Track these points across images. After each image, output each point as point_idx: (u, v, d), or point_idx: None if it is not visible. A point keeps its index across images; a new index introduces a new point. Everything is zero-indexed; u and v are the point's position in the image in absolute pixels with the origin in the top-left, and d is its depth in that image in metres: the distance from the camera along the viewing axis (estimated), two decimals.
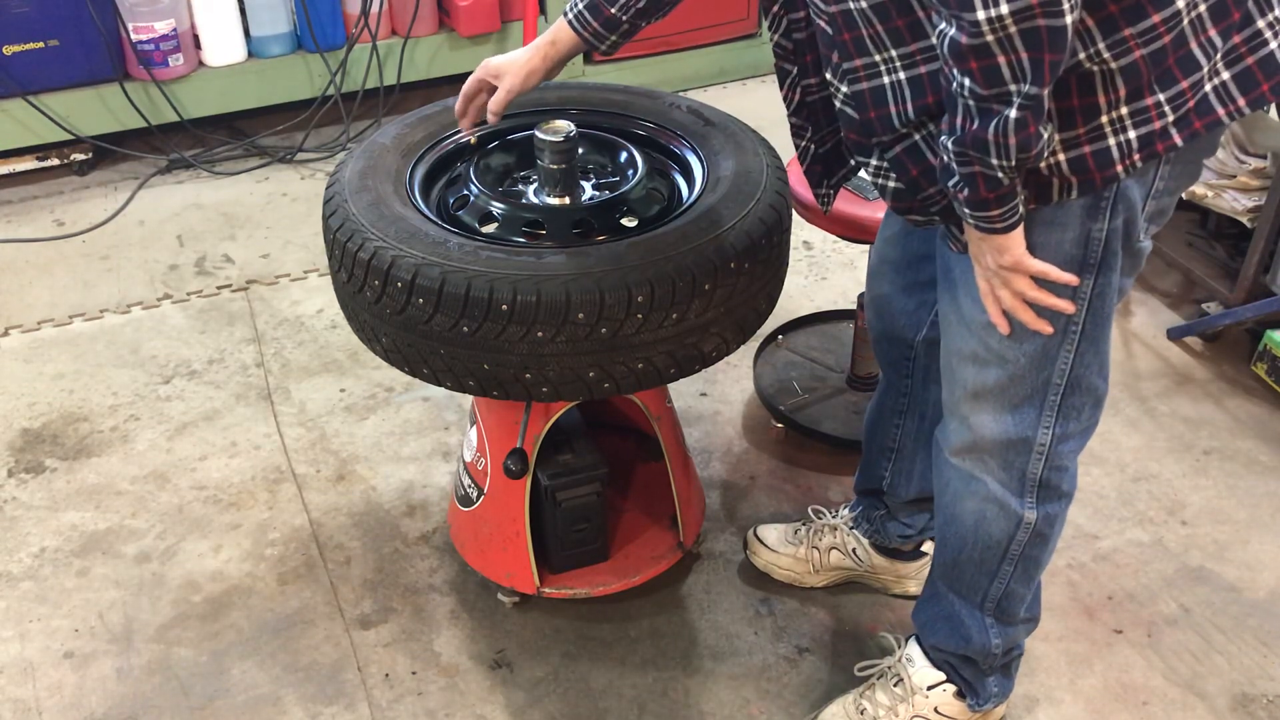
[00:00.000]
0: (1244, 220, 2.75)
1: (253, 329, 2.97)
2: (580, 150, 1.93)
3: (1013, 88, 1.27)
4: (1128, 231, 1.51)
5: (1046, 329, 1.53)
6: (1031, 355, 1.58)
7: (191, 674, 2.09)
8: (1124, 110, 1.40)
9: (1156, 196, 1.51)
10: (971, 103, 1.30)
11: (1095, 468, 2.52)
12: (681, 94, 2.14)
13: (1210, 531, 2.37)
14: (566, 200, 1.89)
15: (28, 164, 3.57)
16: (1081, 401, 1.64)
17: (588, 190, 1.95)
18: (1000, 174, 1.34)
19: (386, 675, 2.09)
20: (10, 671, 2.10)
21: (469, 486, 2.13)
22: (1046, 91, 1.28)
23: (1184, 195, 2.82)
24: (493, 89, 1.85)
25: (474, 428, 2.10)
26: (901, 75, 1.42)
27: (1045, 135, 1.32)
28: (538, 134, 1.85)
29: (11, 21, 3.30)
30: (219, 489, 2.49)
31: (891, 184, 1.56)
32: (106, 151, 3.63)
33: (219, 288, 3.13)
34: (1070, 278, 1.48)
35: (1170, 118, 1.41)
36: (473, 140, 2.03)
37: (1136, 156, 1.42)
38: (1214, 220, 2.92)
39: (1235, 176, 2.74)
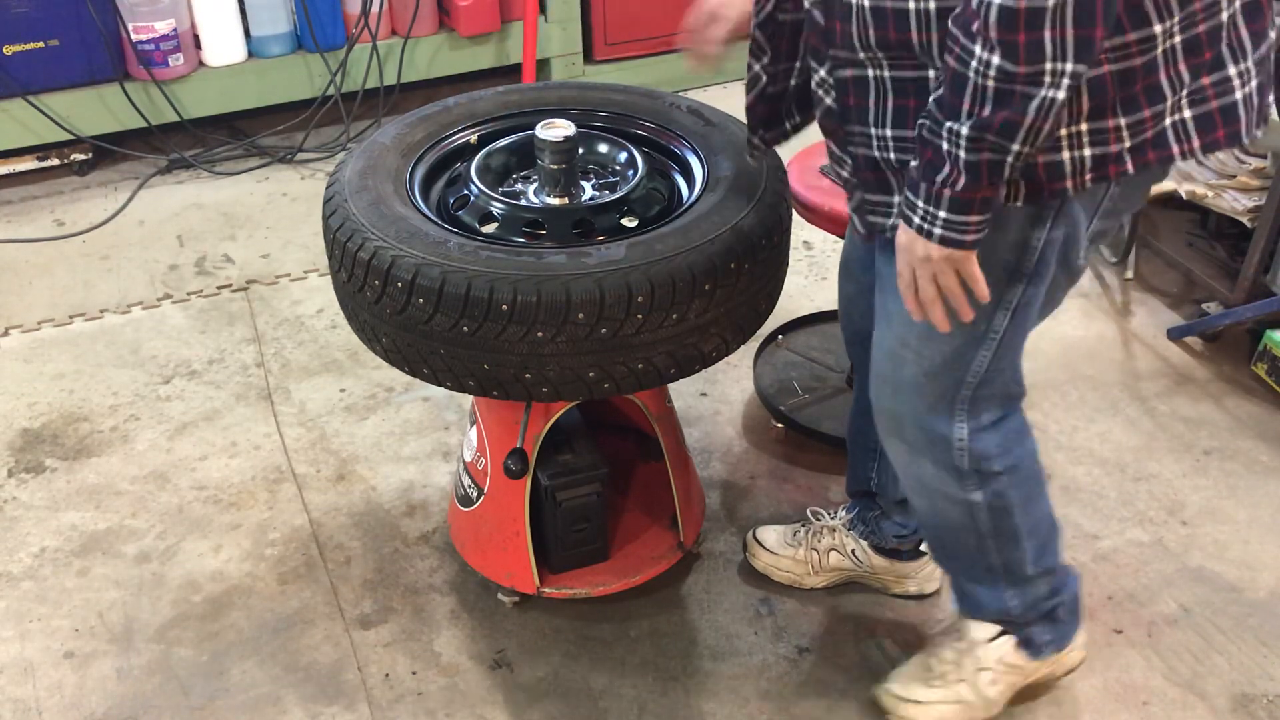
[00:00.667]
0: (1244, 220, 2.74)
1: (253, 329, 2.97)
2: (580, 150, 1.93)
3: (1049, 66, 1.23)
4: (1066, 247, 1.52)
5: (945, 327, 1.51)
6: (946, 355, 1.60)
7: (191, 674, 2.09)
8: (1084, 126, 1.39)
9: (1102, 216, 1.52)
10: (991, 84, 1.25)
11: (1095, 468, 2.52)
12: (681, 94, 2.14)
13: (1210, 531, 2.37)
14: (566, 200, 1.89)
15: (28, 164, 3.57)
16: (990, 396, 1.66)
17: (588, 190, 1.95)
18: (1011, 160, 1.31)
19: (386, 675, 2.09)
20: (10, 671, 2.10)
21: (469, 486, 2.13)
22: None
23: (1184, 195, 2.84)
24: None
25: (474, 428, 2.10)
26: (866, 1, 1.40)
27: None
28: (538, 134, 1.85)
29: (11, 21, 3.30)
30: (219, 489, 2.49)
31: (828, 101, 1.54)
32: (106, 151, 3.63)
33: (219, 288, 3.13)
34: (985, 294, 1.47)
35: (1127, 143, 1.40)
36: (473, 140, 2.03)
37: (1088, 176, 1.41)
38: (1214, 220, 2.92)
39: (1235, 176, 2.74)
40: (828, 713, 2.02)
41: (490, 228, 1.84)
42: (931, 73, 1.41)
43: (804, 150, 2.46)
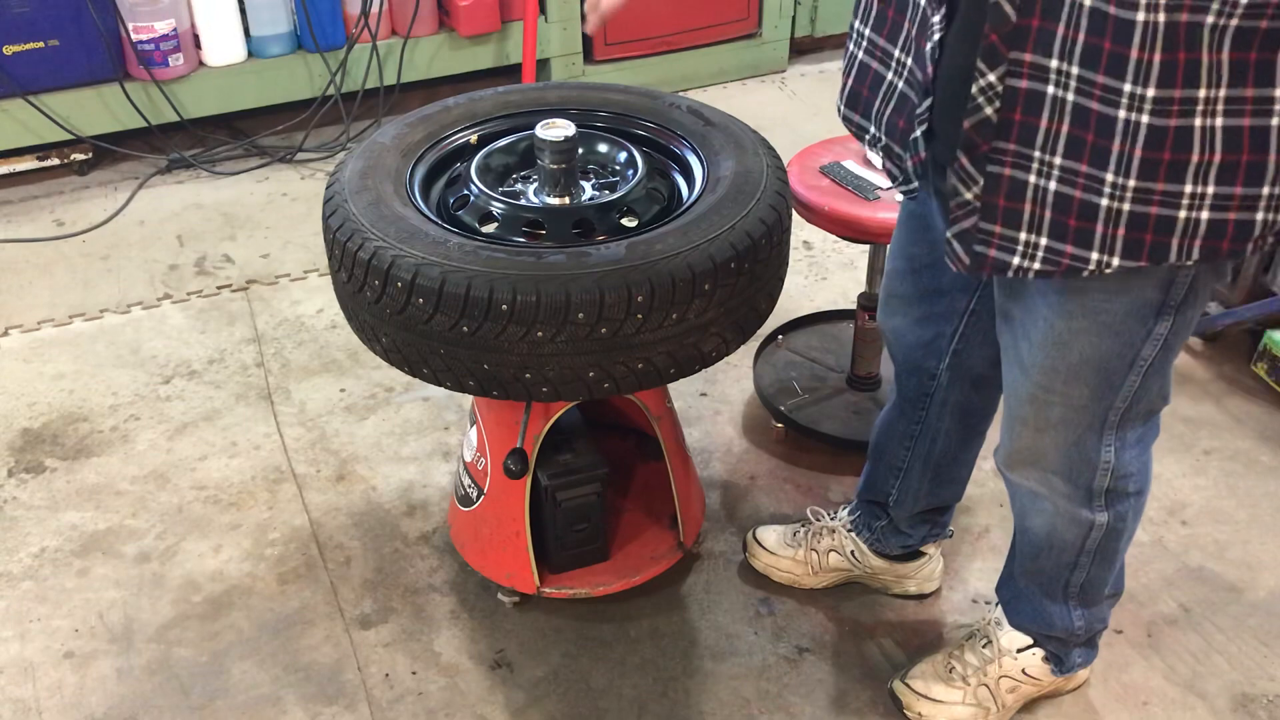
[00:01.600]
0: None
1: (253, 329, 2.97)
2: (580, 150, 1.93)
3: None
4: (1211, 274, 1.48)
5: None
6: (1095, 389, 1.57)
7: (191, 674, 2.09)
8: None
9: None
10: None
11: None
12: (681, 94, 2.14)
13: (1210, 531, 2.37)
14: (566, 200, 1.89)
15: (28, 164, 3.57)
16: (1138, 414, 1.64)
17: (588, 190, 1.95)
18: None
19: (386, 675, 2.09)
20: (10, 671, 2.10)
21: (469, 486, 2.13)
22: None
23: None
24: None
25: (474, 428, 2.10)
26: (1106, 7, 1.23)
27: None
28: (538, 134, 1.85)
29: (11, 21, 3.30)
30: (219, 489, 2.49)
31: (987, 111, 1.35)
32: (106, 151, 3.63)
33: (219, 288, 3.13)
34: None
35: None
36: (473, 140, 2.03)
37: (1272, 237, 1.33)
38: None
39: None
40: (828, 713, 2.02)
41: (490, 228, 1.84)
42: (1146, 118, 1.26)
43: (804, 150, 2.46)
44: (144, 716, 2.02)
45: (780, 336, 2.79)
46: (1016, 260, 1.43)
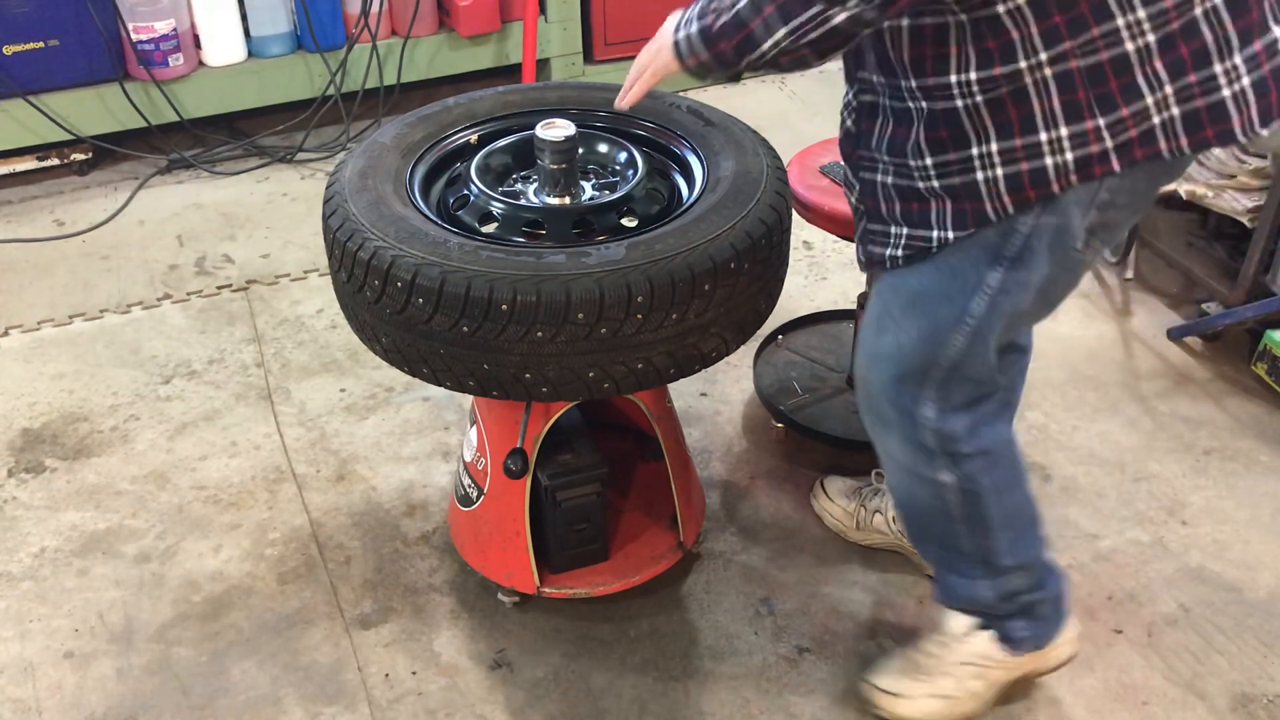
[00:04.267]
0: (1244, 220, 2.74)
1: (253, 329, 2.97)
2: (580, 150, 1.93)
3: None
4: (1058, 236, 1.52)
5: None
6: (923, 330, 1.64)
7: (191, 674, 2.09)
8: (1063, 131, 1.43)
9: (1101, 209, 1.52)
10: None
11: (1095, 468, 2.52)
12: (681, 94, 2.14)
13: (1210, 531, 2.37)
14: (566, 200, 1.89)
15: (28, 164, 3.57)
16: (963, 380, 1.67)
17: (588, 190, 1.95)
18: (761, 46, 1.44)
19: (386, 675, 2.09)
20: (10, 671, 2.10)
21: (469, 486, 2.13)
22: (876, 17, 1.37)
23: (1184, 195, 2.83)
24: None
25: (474, 428, 2.10)
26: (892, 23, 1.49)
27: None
28: (538, 134, 1.85)
29: (11, 21, 3.30)
30: (219, 489, 2.49)
31: (847, 123, 1.67)
32: (106, 151, 3.63)
33: (219, 288, 3.13)
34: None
35: (1109, 143, 1.44)
36: (473, 140, 2.03)
37: (1073, 177, 1.46)
38: (1214, 220, 2.92)
39: (1235, 176, 2.74)
40: (828, 713, 2.02)
41: (490, 228, 1.84)
42: (923, 103, 1.51)
43: (804, 150, 2.46)
44: (144, 716, 2.03)
45: (780, 336, 2.79)
46: (889, 251, 1.65)
